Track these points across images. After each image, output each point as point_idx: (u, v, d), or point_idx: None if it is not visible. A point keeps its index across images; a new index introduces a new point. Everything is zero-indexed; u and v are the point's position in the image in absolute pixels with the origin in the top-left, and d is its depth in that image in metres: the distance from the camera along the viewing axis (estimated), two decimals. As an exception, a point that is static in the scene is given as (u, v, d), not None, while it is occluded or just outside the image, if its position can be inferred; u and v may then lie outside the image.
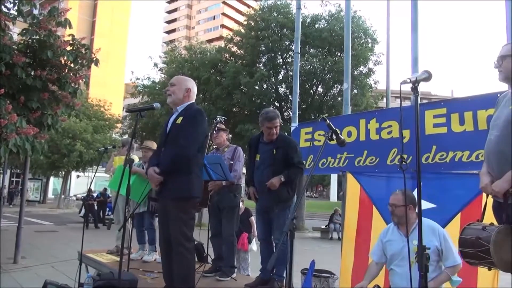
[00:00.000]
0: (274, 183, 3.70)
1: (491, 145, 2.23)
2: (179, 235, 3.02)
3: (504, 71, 2.24)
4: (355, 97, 18.21)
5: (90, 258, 5.11)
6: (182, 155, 3.02)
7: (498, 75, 2.26)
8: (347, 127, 4.51)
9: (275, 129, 3.85)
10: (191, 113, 3.18)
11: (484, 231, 2.09)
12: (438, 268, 2.92)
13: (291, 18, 17.96)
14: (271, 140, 3.89)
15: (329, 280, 3.16)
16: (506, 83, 2.29)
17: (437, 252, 2.89)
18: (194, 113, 3.19)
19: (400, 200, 2.94)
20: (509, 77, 2.23)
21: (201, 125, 3.15)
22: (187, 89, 3.29)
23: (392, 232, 3.10)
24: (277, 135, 3.90)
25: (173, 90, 3.26)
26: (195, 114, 3.17)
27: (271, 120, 3.83)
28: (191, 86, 3.35)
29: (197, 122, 3.13)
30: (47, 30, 6.41)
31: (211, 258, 4.46)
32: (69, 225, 17.11)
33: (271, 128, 3.83)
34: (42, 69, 6.41)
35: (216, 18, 77.63)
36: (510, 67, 2.20)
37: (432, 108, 3.83)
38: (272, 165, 3.80)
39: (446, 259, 2.89)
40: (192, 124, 3.10)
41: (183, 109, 3.23)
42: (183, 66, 20.55)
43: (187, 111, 3.21)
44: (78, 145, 22.34)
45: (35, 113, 6.43)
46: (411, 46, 4.48)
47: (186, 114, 3.17)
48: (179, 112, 3.23)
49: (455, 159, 3.55)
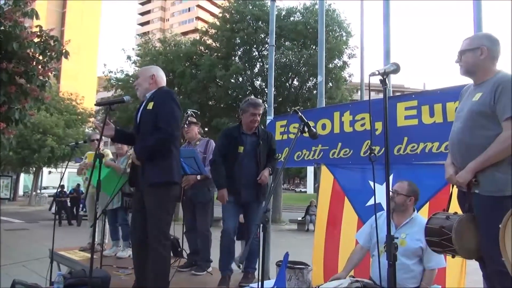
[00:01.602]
0: (267, 177, 3.68)
1: (454, 136, 2.30)
2: (157, 231, 2.90)
3: (464, 65, 2.31)
4: (330, 90, 18.38)
5: (62, 256, 5.00)
6: (166, 138, 2.93)
7: (459, 69, 2.34)
8: (322, 120, 4.54)
9: (258, 117, 3.72)
10: (162, 96, 3.08)
11: (447, 220, 2.16)
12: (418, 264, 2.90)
13: (266, 11, 17.89)
14: (254, 132, 3.78)
15: (303, 271, 3.17)
16: (467, 77, 2.36)
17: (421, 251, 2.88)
18: (165, 94, 3.09)
19: (403, 189, 2.97)
20: (470, 70, 2.30)
21: (176, 105, 3.05)
22: (151, 76, 3.19)
23: (384, 221, 3.12)
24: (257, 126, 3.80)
25: (139, 82, 3.22)
26: (166, 96, 3.07)
27: (257, 106, 3.70)
28: (155, 71, 3.24)
29: (171, 102, 3.04)
30: (13, 21, 6.16)
31: (186, 252, 4.44)
32: (41, 223, 16.67)
33: (255, 115, 3.68)
34: (8, 62, 6.18)
35: (191, 10, 76.59)
36: (469, 61, 2.27)
37: (403, 101, 3.89)
38: (256, 157, 3.71)
39: (426, 260, 2.87)
40: (166, 106, 2.99)
41: (151, 95, 3.13)
42: (157, 59, 20.19)
43: (156, 95, 3.11)
44: (49, 140, 21.77)
45: (2, 107, 6.22)
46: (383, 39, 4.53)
47: (157, 98, 3.06)
48: (148, 98, 3.13)
49: (425, 150, 3.62)
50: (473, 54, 2.25)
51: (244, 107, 3.76)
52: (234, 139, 3.74)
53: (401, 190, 3.01)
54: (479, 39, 2.30)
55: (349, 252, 3.39)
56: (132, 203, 3.52)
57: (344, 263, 3.33)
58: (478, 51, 2.23)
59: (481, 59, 2.23)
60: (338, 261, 4.00)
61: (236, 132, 3.79)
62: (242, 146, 3.71)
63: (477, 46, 2.24)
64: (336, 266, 3.96)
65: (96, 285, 3.14)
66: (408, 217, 3.02)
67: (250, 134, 3.78)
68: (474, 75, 2.31)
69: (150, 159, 2.93)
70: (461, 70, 2.33)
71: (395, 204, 3.00)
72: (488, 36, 2.29)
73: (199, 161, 3.93)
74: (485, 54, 2.22)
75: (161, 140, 2.93)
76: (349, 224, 4.03)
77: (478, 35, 2.42)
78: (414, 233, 2.92)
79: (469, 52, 2.26)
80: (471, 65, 2.27)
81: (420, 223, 3.00)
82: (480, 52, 2.22)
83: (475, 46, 2.25)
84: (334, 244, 4.11)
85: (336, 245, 4.09)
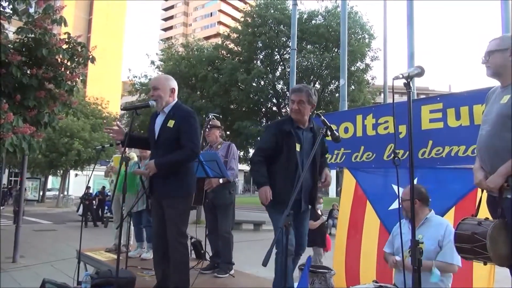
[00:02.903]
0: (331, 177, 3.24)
1: (483, 140, 2.24)
2: (176, 233, 3.07)
3: (492, 66, 2.24)
4: (352, 93, 18.24)
5: (89, 257, 5.12)
6: (191, 155, 3.11)
7: (486, 71, 2.26)
8: (344, 123, 4.52)
9: (298, 105, 3.10)
10: (183, 114, 3.15)
11: (480, 226, 2.10)
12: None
13: (288, 14, 17.90)
14: (310, 127, 3.21)
15: (326, 275, 3.17)
16: (494, 78, 2.29)
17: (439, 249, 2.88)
18: (187, 113, 3.17)
19: (407, 194, 2.93)
20: (497, 72, 2.23)
21: (197, 123, 3.19)
22: (172, 89, 3.23)
23: (404, 226, 3.10)
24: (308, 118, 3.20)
25: (158, 94, 3.16)
26: (188, 115, 3.16)
27: (295, 92, 3.16)
28: (174, 85, 3.27)
29: (194, 121, 3.16)
30: (42, 28, 6.38)
31: (209, 255, 4.48)
32: (68, 224, 17.10)
33: (293, 102, 3.12)
34: (38, 68, 6.39)
35: (213, 15, 77.36)
36: (497, 62, 2.20)
37: (428, 103, 3.83)
38: (314, 157, 3.00)
39: (442, 254, 2.87)
40: (190, 125, 3.12)
41: (171, 110, 3.19)
42: (180, 63, 20.50)
43: (176, 112, 3.17)
44: (76, 143, 22.35)
45: (32, 111, 6.43)
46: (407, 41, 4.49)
47: (179, 116, 3.13)
48: (167, 113, 3.18)
49: (451, 153, 3.55)
50: (502, 54, 2.18)
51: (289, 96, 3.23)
52: (287, 135, 3.09)
53: (405, 196, 2.99)
54: (510, 39, 2.22)
55: (370, 256, 3.36)
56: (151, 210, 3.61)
57: (365, 267, 3.31)
58: (507, 52, 2.16)
59: (510, 60, 2.16)
60: (360, 265, 3.97)
61: (288, 126, 3.13)
62: (299, 143, 3.11)
63: (507, 47, 2.17)
64: (357, 270, 3.93)
65: (122, 285, 3.22)
66: (423, 219, 2.98)
67: (305, 129, 3.19)
68: (501, 77, 2.24)
69: (172, 173, 3.08)
70: (488, 71, 2.26)
71: (405, 211, 3.01)
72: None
73: (222, 164, 3.96)
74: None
75: (188, 157, 3.11)
76: (371, 228, 3.99)
77: (508, 36, 2.35)
78: (430, 233, 2.91)
79: (498, 53, 2.19)
80: (500, 66, 2.20)
81: (436, 222, 2.98)
82: (510, 53, 2.16)
83: (505, 46, 2.18)
84: (356, 248, 4.08)
85: (357, 249, 4.05)
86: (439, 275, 2.79)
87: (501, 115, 2.13)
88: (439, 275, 2.79)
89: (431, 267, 2.80)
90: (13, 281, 6.43)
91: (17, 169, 30.01)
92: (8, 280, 6.49)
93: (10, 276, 6.78)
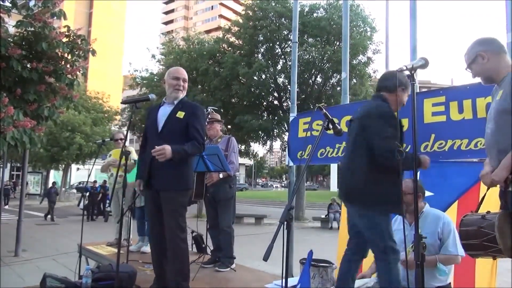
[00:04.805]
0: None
1: (488, 138, 2.25)
2: (174, 227, 3.03)
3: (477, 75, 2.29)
4: (354, 87, 18.16)
5: (90, 251, 5.13)
6: (199, 148, 3.11)
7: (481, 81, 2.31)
8: (346, 117, 4.46)
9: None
10: (193, 109, 3.19)
11: (484, 220, 2.07)
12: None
13: (289, 7, 17.80)
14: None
15: (327, 269, 3.15)
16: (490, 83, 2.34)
17: (438, 242, 2.87)
18: (197, 108, 3.22)
19: (408, 188, 2.90)
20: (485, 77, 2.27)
21: (204, 119, 3.31)
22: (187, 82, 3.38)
23: (400, 222, 3.08)
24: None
25: (185, 86, 3.27)
26: (198, 110, 3.21)
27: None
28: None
29: (202, 118, 3.25)
30: (42, 22, 6.34)
31: (210, 249, 4.48)
32: (70, 218, 17.18)
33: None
34: (38, 61, 6.36)
35: (214, 8, 77.05)
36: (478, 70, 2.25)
37: (431, 97, 3.79)
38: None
39: (446, 247, 2.85)
40: (200, 120, 3.19)
41: (179, 102, 3.22)
42: (181, 57, 20.43)
43: (185, 105, 3.21)
44: (78, 137, 22.37)
45: (32, 105, 6.41)
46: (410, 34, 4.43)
47: (188, 109, 3.17)
48: (175, 105, 3.20)
49: (453, 147, 3.52)
50: (477, 64, 2.24)
51: (405, 82, 2.74)
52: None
53: (407, 190, 2.95)
54: (473, 48, 2.27)
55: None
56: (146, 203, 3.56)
57: (369, 261, 3.28)
58: (478, 58, 2.22)
59: (486, 62, 2.21)
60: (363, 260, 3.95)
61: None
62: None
63: (475, 55, 2.23)
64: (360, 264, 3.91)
65: (123, 279, 3.22)
66: (420, 212, 2.97)
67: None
68: (491, 78, 2.27)
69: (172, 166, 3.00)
70: (481, 80, 2.31)
71: (406, 204, 2.94)
72: (479, 41, 2.27)
73: (223, 158, 3.94)
74: (486, 57, 2.20)
75: (197, 150, 3.13)
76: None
77: (470, 47, 2.38)
78: (428, 226, 2.90)
79: (472, 65, 2.26)
80: (482, 72, 2.26)
81: (432, 215, 2.97)
82: (481, 58, 2.21)
83: (473, 56, 2.24)
84: None
85: None
86: (445, 270, 2.78)
87: (498, 111, 2.14)
88: (445, 270, 2.78)
89: (435, 262, 2.78)
90: (15, 275, 6.46)
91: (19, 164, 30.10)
92: (10, 273, 6.52)
93: (12, 270, 6.81)
